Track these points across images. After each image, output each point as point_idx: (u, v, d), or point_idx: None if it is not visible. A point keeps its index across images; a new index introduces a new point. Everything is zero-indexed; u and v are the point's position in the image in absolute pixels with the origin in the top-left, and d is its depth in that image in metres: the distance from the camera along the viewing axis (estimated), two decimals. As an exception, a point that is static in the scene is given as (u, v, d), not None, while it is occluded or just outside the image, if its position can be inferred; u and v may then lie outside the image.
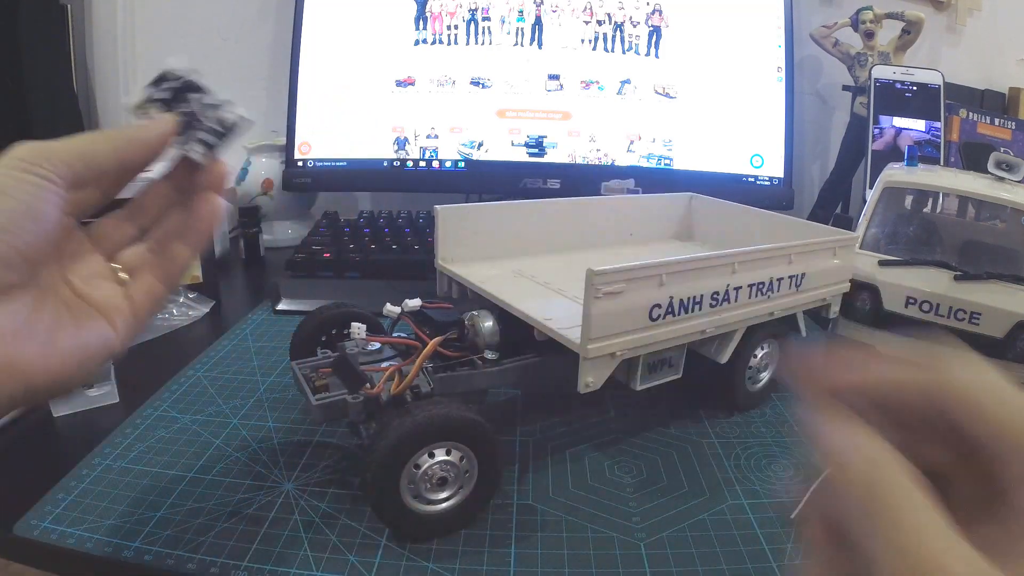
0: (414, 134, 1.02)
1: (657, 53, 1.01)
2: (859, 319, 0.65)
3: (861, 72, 1.05)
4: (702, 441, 0.55)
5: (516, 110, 1.02)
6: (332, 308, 0.58)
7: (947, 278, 0.61)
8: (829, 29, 1.06)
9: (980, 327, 0.59)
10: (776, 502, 0.47)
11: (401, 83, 1.01)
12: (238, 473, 0.49)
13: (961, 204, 0.67)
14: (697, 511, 0.46)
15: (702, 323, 0.51)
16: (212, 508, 0.45)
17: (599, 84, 1.02)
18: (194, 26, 1.20)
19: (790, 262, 0.56)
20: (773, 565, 0.41)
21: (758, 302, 0.54)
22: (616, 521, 0.45)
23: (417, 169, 1.02)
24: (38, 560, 0.43)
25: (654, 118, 1.02)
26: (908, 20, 1.01)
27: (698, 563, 0.42)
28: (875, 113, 0.96)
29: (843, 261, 0.61)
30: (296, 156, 1.01)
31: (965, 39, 1.19)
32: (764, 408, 0.61)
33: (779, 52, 1.02)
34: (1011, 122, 1.07)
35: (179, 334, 0.74)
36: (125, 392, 0.59)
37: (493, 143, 1.02)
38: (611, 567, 0.41)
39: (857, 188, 1.06)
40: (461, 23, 1.00)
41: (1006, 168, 0.65)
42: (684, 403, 0.60)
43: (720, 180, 1.01)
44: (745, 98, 1.02)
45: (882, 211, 0.68)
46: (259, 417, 0.57)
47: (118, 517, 0.44)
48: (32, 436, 0.54)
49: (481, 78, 1.01)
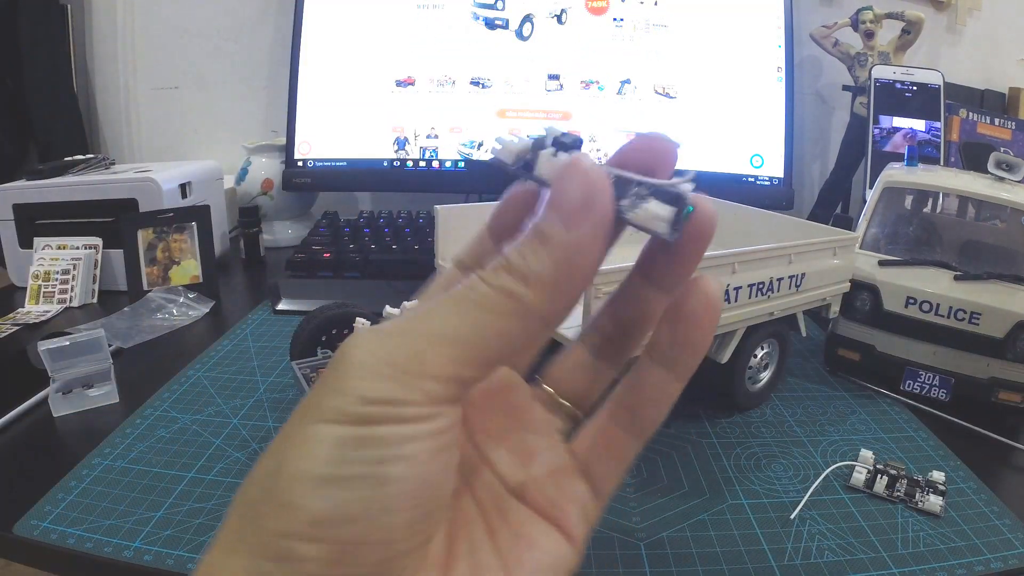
0: (414, 134, 1.02)
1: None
2: (859, 319, 0.65)
3: (861, 72, 1.05)
4: (702, 441, 0.55)
5: (516, 110, 1.02)
6: (332, 308, 0.58)
7: (947, 278, 0.61)
8: (829, 29, 1.06)
9: (980, 327, 0.59)
10: (776, 502, 0.48)
11: (401, 83, 1.01)
12: (238, 473, 0.49)
13: (961, 204, 0.67)
14: (697, 511, 0.46)
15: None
16: (212, 508, 0.45)
17: (599, 84, 1.02)
18: (194, 26, 1.20)
19: (790, 262, 0.56)
20: (773, 565, 0.41)
21: (758, 302, 0.54)
22: (616, 521, 0.45)
23: (417, 169, 1.02)
24: (38, 560, 0.43)
25: (654, 118, 1.02)
26: (908, 20, 1.01)
27: (698, 563, 0.42)
28: (875, 113, 0.96)
29: (843, 261, 0.61)
30: (296, 156, 1.01)
31: (965, 39, 1.19)
32: (764, 408, 0.61)
33: (779, 52, 1.02)
34: (1011, 122, 1.07)
35: (179, 334, 0.74)
36: (125, 392, 0.59)
37: (493, 143, 1.02)
38: (611, 567, 0.41)
39: (857, 188, 1.06)
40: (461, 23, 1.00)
41: (1006, 168, 0.65)
42: (684, 403, 0.60)
43: (720, 180, 1.01)
44: (745, 98, 1.02)
45: (882, 211, 0.68)
46: (259, 417, 0.57)
47: (118, 517, 0.44)
48: (32, 436, 0.54)
49: (481, 78, 1.01)
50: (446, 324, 0.17)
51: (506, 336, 0.17)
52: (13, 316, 0.78)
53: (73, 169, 0.89)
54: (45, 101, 1.15)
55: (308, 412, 0.17)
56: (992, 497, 0.48)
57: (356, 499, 0.16)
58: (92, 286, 0.83)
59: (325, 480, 0.16)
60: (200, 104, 1.24)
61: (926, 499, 0.47)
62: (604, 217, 0.17)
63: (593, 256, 0.17)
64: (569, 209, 0.17)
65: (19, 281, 0.87)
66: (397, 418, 0.16)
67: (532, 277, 0.17)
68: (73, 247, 0.84)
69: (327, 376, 0.17)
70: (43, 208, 0.84)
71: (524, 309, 0.17)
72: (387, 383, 0.16)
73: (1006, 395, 0.58)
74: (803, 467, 0.52)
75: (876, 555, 0.42)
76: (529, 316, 0.17)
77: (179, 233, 0.84)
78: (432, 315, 0.17)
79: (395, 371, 0.16)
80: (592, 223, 0.17)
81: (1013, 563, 0.42)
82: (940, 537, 0.44)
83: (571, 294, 0.17)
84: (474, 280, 0.17)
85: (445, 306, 0.17)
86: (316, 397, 0.17)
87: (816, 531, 0.45)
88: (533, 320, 0.17)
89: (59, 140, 1.15)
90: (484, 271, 0.17)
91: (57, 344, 0.58)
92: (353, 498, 0.16)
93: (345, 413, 0.16)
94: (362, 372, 0.16)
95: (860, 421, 0.59)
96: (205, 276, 0.84)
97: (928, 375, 0.61)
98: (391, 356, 0.16)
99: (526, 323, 0.17)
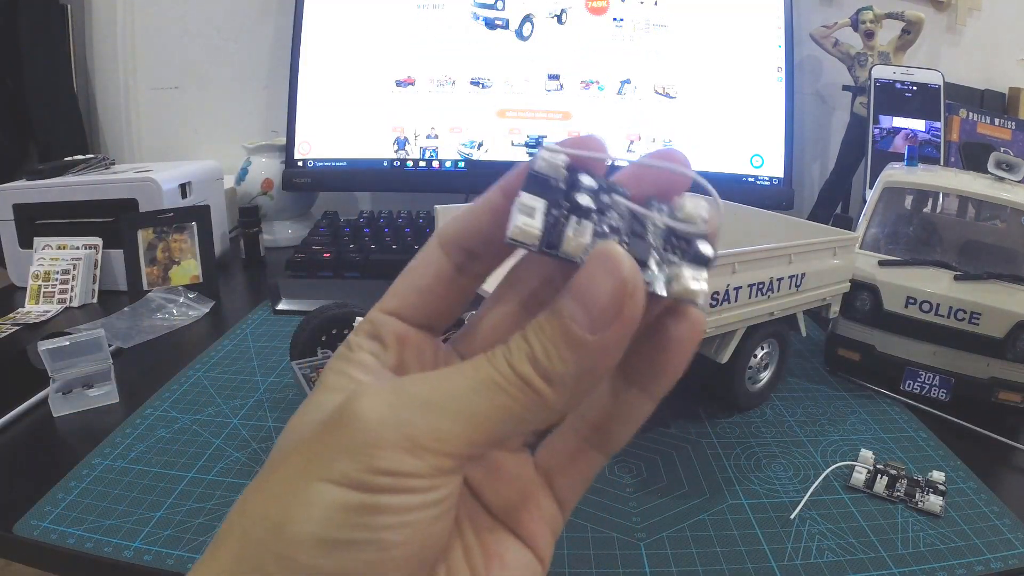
0: (414, 134, 1.02)
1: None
2: (859, 319, 0.65)
3: (861, 72, 1.05)
4: (702, 441, 0.55)
5: (516, 110, 1.02)
6: (332, 308, 0.58)
7: (947, 278, 0.61)
8: (829, 29, 1.06)
9: (980, 327, 0.59)
10: (776, 502, 0.48)
11: (401, 83, 1.01)
12: (238, 473, 0.49)
13: (961, 204, 0.67)
14: (697, 511, 0.46)
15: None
16: (212, 508, 0.45)
17: (599, 84, 1.02)
18: (194, 26, 1.20)
19: (790, 262, 0.56)
20: (773, 565, 0.41)
21: (758, 302, 0.54)
22: (616, 521, 0.45)
23: (417, 169, 1.02)
24: (38, 560, 0.43)
25: (654, 118, 1.02)
26: (908, 20, 1.01)
27: (698, 563, 0.42)
28: (875, 113, 0.96)
29: (843, 261, 0.61)
30: (296, 156, 1.01)
31: (965, 39, 1.19)
32: (764, 408, 0.61)
33: (779, 52, 1.02)
34: (1011, 122, 1.07)
35: (179, 334, 0.74)
36: (125, 392, 0.59)
37: (493, 143, 1.02)
38: (611, 567, 0.41)
39: (857, 188, 1.06)
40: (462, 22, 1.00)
41: (1006, 168, 0.65)
42: (684, 403, 0.60)
43: (720, 180, 1.01)
44: (745, 98, 1.02)
45: (882, 211, 0.68)
46: (259, 417, 0.57)
47: (118, 517, 0.44)
48: (32, 436, 0.54)
49: (481, 78, 1.01)
50: (468, 403, 0.17)
51: (521, 423, 0.17)
52: (13, 316, 0.78)
53: (73, 169, 0.89)
54: (45, 101, 1.15)
55: (314, 465, 0.16)
56: (992, 497, 0.48)
57: (358, 560, 0.16)
58: (92, 286, 0.83)
59: (328, 543, 0.16)
60: (200, 104, 1.24)
61: (926, 499, 0.47)
62: (634, 322, 0.17)
63: (617, 355, 0.17)
64: (598, 311, 0.16)
65: (19, 281, 0.87)
66: (404, 488, 0.16)
67: (555, 379, 0.17)
68: (73, 247, 0.84)
69: (337, 429, 0.17)
70: (43, 208, 0.84)
71: (542, 403, 0.17)
72: (401, 455, 0.16)
73: (1006, 395, 0.58)
74: (803, 467, 0.52)
75: (876, 555, 0.42)
76: (546, 410, 0.17)
77: (179, 233, 0.84)
78: (454, 390, 0.17)
79: (412, 445, 0.16)
80: (620, 330, 0.17)
81: (1013, 563, 0.42)
82: (940, 537, 0.44)
83: (590, 390, 0.17)
84: (499, 361, 0.17)
85: (468, 381, 0.17)
86: (323, 448, 0.17)
87: (816, 531, 0.45)
88: (549, 413, 0.17)
89: (59, 140, 1.15)
90: (510, 351, 0.17)
91: (57, 344, 0.58)
92: (355, 559, 0.16)
93: (353, 479, 0.16)
94: (377, 440, 0.16)
95: (860, 421, 0.59)
96: (205, 276, 0.84)
97: (928, 375, 0.61)
98: (410, 429, 0.16)
99: (542, 414, 0.17)
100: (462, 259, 0.20)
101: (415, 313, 0.20)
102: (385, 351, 0.20)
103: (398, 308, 0.20)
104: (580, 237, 0.17)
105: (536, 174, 0.18)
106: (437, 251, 0.20)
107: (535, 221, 0.17)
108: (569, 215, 0.17)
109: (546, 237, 0.17)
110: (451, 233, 0.20)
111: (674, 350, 0.19)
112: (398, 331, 0.20)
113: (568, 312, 0.17)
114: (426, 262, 0.20)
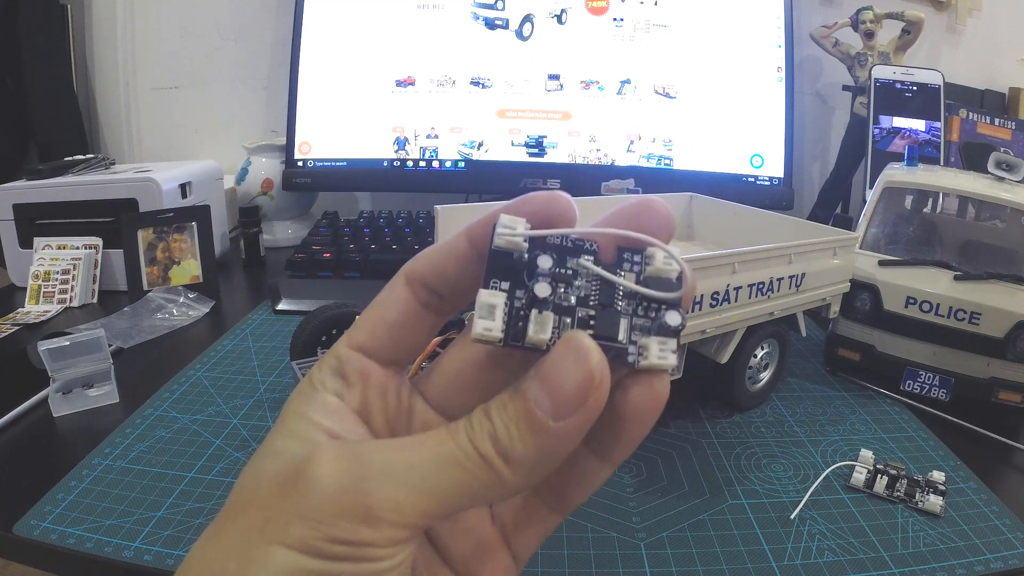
0: (414, 134, 1.02)
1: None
2: (859, 319, 0.65)
3: (861, 72, 1.05)
4: (702, 441, 0.55)
5: (516, 110, 1.02)
6: (332, 308, 0.58)
7: (947, 278, 0.61)
8: (829, 29, 1.06)
9: (980, 327, 0.59)
10: (776, 502, 0.48)
11: (401, 83, 1.01)
12: (238, 473, 0.49)
13: (961, 204, 0.67)
14: (697, 511, 0.46)
15: (702, 323, 0.51)
16: (212, 508, 0.45)
17: (599, 84, 1.02)
18: (194, 26, 1.20)
19: (790, 262, 0.56)
20: (773, 565, 0.41)
21: (758, 302, 0.54)
22: (616, 521, 0.45)
23: (417, 169, 1.02)
24: (38, 560, 0.43)
25: (654, 118, 1.02)
26: (908, 20, 1.01)
27: (698, 563, 0.42)
28: (875, 113, 0.96)
29: (843, 261, 0.61)
30: (296, 156, 1.01)
31: (965, 39, 1.19)
32: (764, 408, 0.61)
33: (779, 52, 1.02)
34: (1011, 122, 1.07)
35: (179, 334, 0.74)
36: (125, 392, 0.59)
37: (493, 143, 1.02)
38: (611, 567, 0.41)
39: (857, 188, 1.06)
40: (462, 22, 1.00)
41: (1006, 168, 0.65)
42: (684, 403, 0.60)
43: (720, 180, 1.01)
44: (745, 98, 1.02)
45: (882, 211, 0.68)
46: (259, 417, 0.57)
47: (118, 517, 0.44)
48: (32, 436, 0.54)
49: (481, 78, 1.01)
50: (427, 476, 0.17)
51: (478, 498, 0.17)
52: (13, 316, 0.78)
53: (73, 169, 0.89)
54: (45, 101, 1.15)
55: (270, 526, 0.16)
56: (992, 497, 0.48)
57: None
58: (92, 286, 0.83)
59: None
60: (200, 104, 1.24)
61: (926, 499, 0.47)
62: (598, 411, 0.17)
63: (578, 440, 0.17)
64: (563, 399, 0.17)
65: (19, 281, 0.87)
66: (361, 557, 0.16)
67: (514, 460, 0.17)
68: (73, 247, 0.84)
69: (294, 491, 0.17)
70: (43, 208, 0.84)
71: (500, 482, 0.17)
72: (358, 526, 0.16)
73: (1006, 395, 0.58)
74: (803, 467, 0.52)
75: (876, 555, 0.42)
76: (504, 488, 0.17)
77: (179, 233, 0.84)
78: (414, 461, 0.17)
79: (369, 515, 0.16)
80: (583, 417, 0.17)
81: (1013, 563, 0.42)
82: (940, 537, 0.44)
83: (549, 471, 0.18)
84: (461, 436, 0.17)
85: (428, 453, 0.17)
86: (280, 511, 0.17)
87: (816, 531, 0.45)
88: (506, 491, 0.17)
89: (59, 140, 1.15)
90: (472, 428, 0.17)
91: (57, 344, 0.58)
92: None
93: (309, 546, 0.16)
94: (335, 508, 0.16)
95: (860, 421, 0.59)
96: (205, 276, 0.84)
97: (928, 375, 0.61)
98: (367, 499, 0.16)
99: (500, 492, 0.17)
100: (427, 297, 0.20)
101: (382, 348, 0.20)
102: (349, 390, 0.20)
103: (366, 342, 0.20)
104: (541, 333, 0.17)
105: (497, 250, 0.18)
106: (404, 288, 0.20)
107: (495, 323, 0.17)
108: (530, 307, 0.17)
109: (509, 334, 0.17)
110: (418, 272, 0.20)
111: (635, 420, 0.18)
112: (363, 369, 0.20)
113: (533, 395, 0.17)
114: (393, 297, 0.20)
